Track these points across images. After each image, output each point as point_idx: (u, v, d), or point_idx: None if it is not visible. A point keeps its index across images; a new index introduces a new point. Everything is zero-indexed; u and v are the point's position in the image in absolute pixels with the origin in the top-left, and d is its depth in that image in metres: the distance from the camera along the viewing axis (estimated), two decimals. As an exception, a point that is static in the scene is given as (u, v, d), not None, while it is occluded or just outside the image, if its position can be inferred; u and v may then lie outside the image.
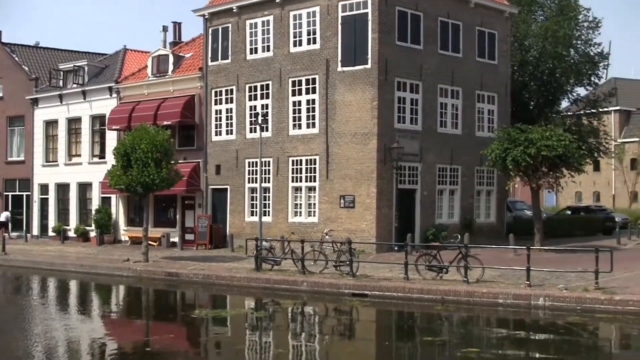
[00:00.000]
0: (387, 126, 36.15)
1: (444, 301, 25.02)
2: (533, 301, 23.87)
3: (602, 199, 79.98)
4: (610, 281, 24.58)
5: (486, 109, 41.86)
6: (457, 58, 40.00)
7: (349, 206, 36.53)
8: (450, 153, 39.27)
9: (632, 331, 21.59)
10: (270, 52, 40.16)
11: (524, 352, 18.89)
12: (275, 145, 39.41)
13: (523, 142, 33.68)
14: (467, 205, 40.48)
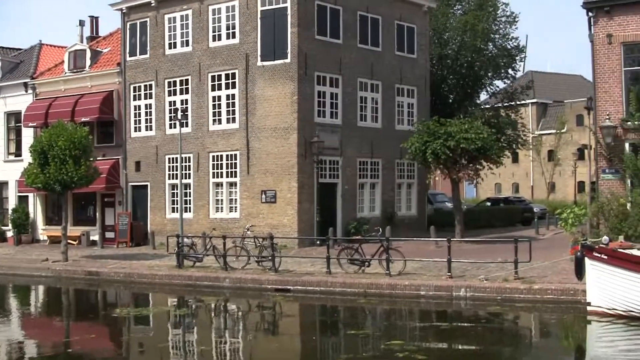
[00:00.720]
0: (307, 120, 36.15)
1: (367, 294, 25.16)
2: (454, 292, 24.16)
3: (521, 190, 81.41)
4: (529, 271, 25.00)
5: (406, 102, 42.17)
6: (377, 52, 40.19)
7: (270, 201, 36.44)
8: (370, 146, 39.45)
9: (550, 319, 22.00)
10: (189, 46, 39.77)
11: (446, 342, 19.10)
12: (196, 141, 39.08)
13: (442, 135, 34.06)
14: (388, 198, 40.74)
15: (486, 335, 20.10)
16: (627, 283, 19.90)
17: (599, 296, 20.60)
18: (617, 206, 27.69)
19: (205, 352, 18.58)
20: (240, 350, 19.23)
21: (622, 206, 27.68)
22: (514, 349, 18.78)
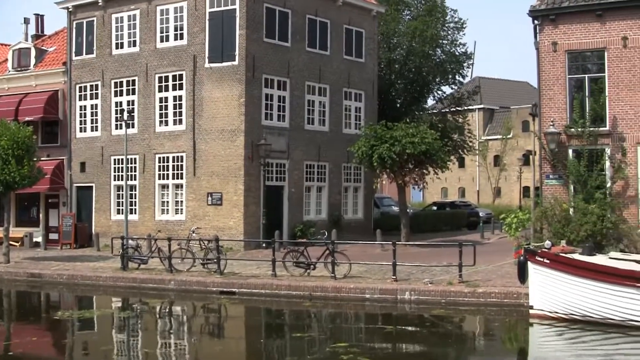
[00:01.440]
0: (254, 123, 36.07)
1: (312, 297, 25.17)
2: (399, 295, 24.28)
3: (467, 195, 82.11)
4: (473, 274, 25.25)
5: (353, 106, 42.31)
6: (325, 56, 40.26)
7: (216, 203, 36.29)
8: (317, 150, 39.50)
9: (494, 322, 22.23)
10: (136, 47, 39.45)
11: (391, 345, 19.21)
12: (142, 142, 38.77)
13: (389, 140, 34.20)
14: (335, 201, 40.82)
15: (430, 338, 20.23)
16: (568, 287, 20.20)
17: (541, 299, 20.87)
18: (560, 211, 28.07)
19: (150, 355, 18.44)
20: (185, 353, 19.14)
21: (565, 211, 28.06)
22: (457, 352, 18.92)
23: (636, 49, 28.61)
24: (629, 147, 28.54)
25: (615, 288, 19.44)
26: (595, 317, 19.95)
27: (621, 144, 28.54)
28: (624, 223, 28.03)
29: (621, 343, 18.83)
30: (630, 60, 28.67)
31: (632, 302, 19.27)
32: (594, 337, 19.27)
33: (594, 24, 29.16)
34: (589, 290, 19.85)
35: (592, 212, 27.22)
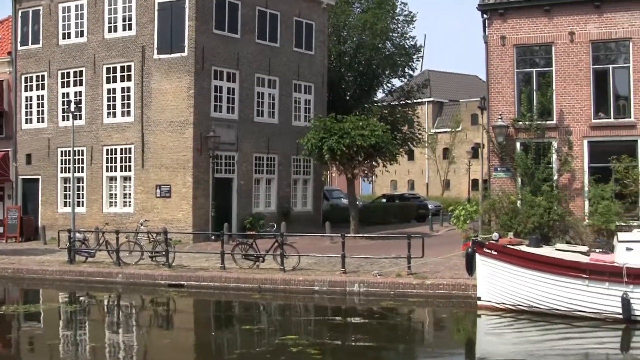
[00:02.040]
0: (203, 115, 35.85)
1: (261, 290, 25.12)
2: (348, 287, 24.33)
3: (416, 187, 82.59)
4: (422, 266, 25.39)
5: (303, 98, 42.27)
6: (275, 48, 40.14)
7: (165, 196, 36.03)
8: (267, 142, 39.38)
9: (442, 314, 22.39)
10: (84, 37, 38.95)
11: (340, 337, 19.22)
12: (89, 134, 38.32)
13: (338, 132, 34.24)
14: (284, 194, 40.77)
15: (379, 330, 20.30)
16: (515, 278, 20.42)
17: (488, 291, 21.07)
18: (507, 204, 28.36)
19: (97, 349, 18.24)
20: (133, 346, 18.96)
21: (513, 204, 28.36)
22: (406, 343, 19.01)
23: (583, 44, 28.98)
24: (575, 140, 28.93)
25: (561, 279, 19.69)
26: (541, 308, 20.19)
27: (568, 137, 28.93)
28: (570, 215, 28.43)
29: (567, 333, 19.08)
30: (577, 55, 29.05)
31: (578, 292, 19.53)
32: (540, 327, 19.48)
33: (541, 18, 29.49)
34: (535, 282, 20.08)
35: (539, 205, 27.55)
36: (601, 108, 29.18)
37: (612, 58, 29.48)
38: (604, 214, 27.14)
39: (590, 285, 19.39)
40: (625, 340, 18.58)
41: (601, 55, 29.36)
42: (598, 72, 29.23)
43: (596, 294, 19.36)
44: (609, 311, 19.21)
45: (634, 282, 18.94)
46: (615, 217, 27.11)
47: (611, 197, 27.69)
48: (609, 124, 28.92)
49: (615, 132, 28.84)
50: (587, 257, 20.41)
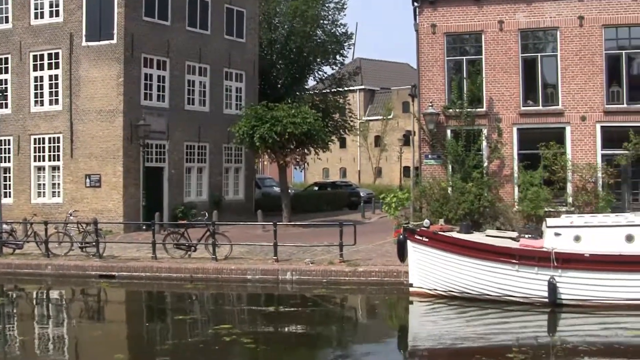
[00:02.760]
0: (133, 103, 35.36)
1: (193, 279, 24.97)
2: (281, 276, 24.33)
3: (348, 175, 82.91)
4: (354, 254, 25.50)
5: (234, 86, 42.01)
6: (205, 35, 39.79)
7: (95, 185, 35.49)
8: (198, 130, 39.05)
9: (375, 301, 22.53)
10: (9, 23, 38.01)
11: (273, 325, 19.19)
12: (16, 123, 37.48)
13: (270, 120, 34.11)
14: (216, 182, 40.52)
15: (312, 318, 20.35)
16: (446, 264, 20.62)
17: (420, 277, 21.25)
18: (438, 190, 28.63)
19: (27, 343, 17.92)
20: (64, 339, 18.66)
21: (444, 190, 28.65)
22: (340, 330, 19.09)
23: (512, 32, 29.38)
24: (505, 127, 29.34)
25: (491, 265, 19.95)
26: (472, 294, 20.44)
27: (497, 124, 29.33)
28: (500, 201, 28.85)
29: (497, 318, 19.36)
30: (506, 43, 29.44)
31: (508, 278, 19.82)
32: (471, 312, 19.74)
33: (471, 7, 29.81)
34: (466, 267, 20.31)
35: (470, 191, 27.88)
36: (530, 96, 29.65)
37: (540, 47, 29.96)
38: (533, 200, 27.59)
39: (519, 271, 19.69)
40: (552, 323, 18.93)
41: (530, 43, 29.82)
42: (527, 61, 29.68)
43: (525, 278, 19.67)
44: (538, 295, 19.54)
45: (562, 266, 19.29)
46: (544, 203, 27.60)
47: (540, 183, 28.16)
48: (538, 112, 29.40)
49: (544, 120, 29.33)
50: (516, 242, 20.71)
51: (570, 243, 19.72)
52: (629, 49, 29.16)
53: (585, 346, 16.06)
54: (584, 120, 28.87)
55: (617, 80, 29.13)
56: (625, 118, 28.78)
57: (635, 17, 28.69)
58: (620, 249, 19.38)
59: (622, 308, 18.98)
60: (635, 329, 17.71)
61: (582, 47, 28.98)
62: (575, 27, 29.03)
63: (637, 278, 19.02)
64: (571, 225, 20.09)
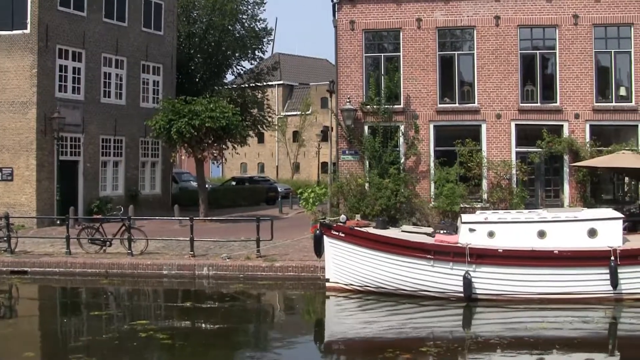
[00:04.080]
0: (47, 95, 34.65)
1: (109, 275, 24.60)
2: (197, 271, 24.16)
3: (266, 170, 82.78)
4: (271, 249, 25.49)
5: (151, 79, 41.56)
6: (122, 27, 39.24)
7: (6, 179, 34.66)
8: (114, 124, 38.51)
9: (292, 296, 22.54)
10: None
11: (189, 321, 19.07)
12: None
13: (188, 114, 33.83)
14: (132, 176, 40.03)
15: (229, 313, 20.26)
16: (362, 259, 20.73)
17: (336, 272, 21.31)
18: (355, 186, 28.81)
19: None
20: (-29, 335, 18.18)
21: (360, 186, 28.83)
22: (256, 326, 19.07)
23: (429, 30, 29.71)
24: (422, 124, 29.66)
25: (406, 260, 20.13)
26: (388, 288, 20.59)
27: (414, 121, 29.64)
28: (417, 197, 29.18)
29: (413, 312, 19.55)
30: (424, 41, 29.77)
31: (423, 273, 20.02)
32: (387, 307, 19.87)
33: (390, 4, 30.04)
34: (382, 263, 20.45)
35: (387, 187, 28.12)
36: (447, 93, 30.05)
37: (457, 45, 30.38)
38: (448, 196, 27.98)
39: (435, 266, 19.92)
40: (467, 317, 19.21)
41: (447, 42, 30.21)
42: (444, 59, 30.07)
43: (440, 274, 19.90)
44: (453, 290, 19.80)
45: (476, 261, 19.59)
46: (459, 199, 28.02)
47: (456, 180, 28.58)
48: (454, 109, 29.81)
49: (460, 117, 29.75)
50: (431, 238, 20.95)
51: (485, 239, 20.04)
52: (543, 49, 29.82)
53: (497, 339, 16.37)
54: (499, 118, 29.38)
55: (532, 80, 29.75)
56: (539, 116, 29.40)
57: (549, 19, 29.34)
58: (532, 244, 19.78)
59: (534, 302, 19.38)
60: (545, 322, 18.09)
61: (498, 47, 29.50)
62: (491, 27, 29.52)
63: (549, 273, 19.45)
64: (485, 221, 20.42)
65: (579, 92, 29.26)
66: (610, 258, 19.18)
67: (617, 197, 29.48)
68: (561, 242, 19.77)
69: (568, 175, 29.17)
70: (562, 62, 29.35)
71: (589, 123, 29.23)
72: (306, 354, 16.38)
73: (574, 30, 29.27)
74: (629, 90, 29.46)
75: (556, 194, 29.54)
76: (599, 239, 19.83)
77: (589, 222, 20.08)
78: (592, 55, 29.34)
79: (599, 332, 17.89)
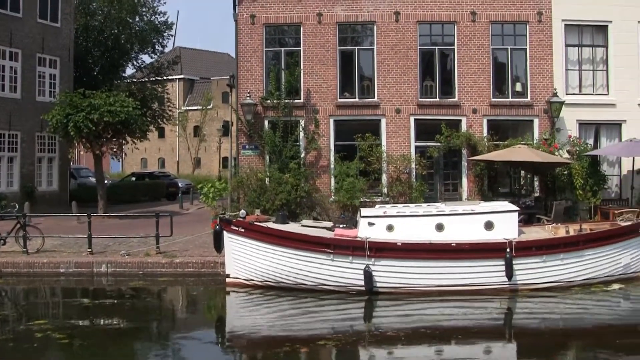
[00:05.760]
0: (-62, 88, 33.59)
1: (2, 274, 23.90)
2: (96, 268, 23.75)
3: (167, 166, 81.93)
4: (171, 245, 25.23)
5: (48, 73, 40.60)
6: (17, 18, 38.20)
7: None
8: (8, 118, 37.49)
9: (192, 292, 22.33)
10: None
11: (88, 320, 18.72)
12: None
13: (86, 108, 33.09)
14: (28, 172, 39.04)
15: (129, 311, 19.95)
16: (262, 254, 20.69)
17: (236, 268, 21.22)
18: (255, 181, 28.74)
19: None
20: None
21: (261, 181, 28.77)
22: (156, 323, 18.81)
23: (330, 25, 29.83)
24: (322, 119, 29.78)
25: (306, 254, 20.17)
26: (289, 283, 20.61)
27: (314, 115, 29.73)
28: (317, 192, 29.29)
29: (313, 307, 19.60)
30: (324, 36, 29.87)
31: (323, 267, 20.10)
32: (288, 302, 19.88)
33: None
34: (282, 258, 20.45)
35: (287, 182, 28.14)
36: (347, 88, 30.23)
37: (358, 40, 30.61)
38: (348, 190, 28.16)
39: (334, 260, 20.01)
40: (367, 310, 19.37)
41: (348, 37, 30.39)
42: (344, 54, 30.24)
43: (340, 267, 20.01)
44: (353, 284, 19.93)
45: (376, 255, 19.76)
46: (359, 193, 28.24)
47: (356, 174, 28.81)
48: (354, 104, 30.00)
49: (360, 112, 29.97)
50: (331, 232, 21.05)
51: (384, 232, 20.24)
52: (442, 45, 30.29)
53: (396, 332, 16.58)
54: (399, 113, 29.72)
55: (431, 75, 30.18)
56: (437, 111, 29.85)
57: (447, 15, 29.81)
58: (431, 237, 20.08)
59: (433, 294, 19.67)
60: (444, 313, 18.39)
61: (397, 42, 29.81)
62: (391, 22, 29.81)
63: (447, 265, 19.77)
64: (384, 215, 20.61)
65: (477, 87, 29.83)
66: (506, 250, 19.61)
67: (513, 191, 30.14)
68: (459, 234, 20.14)
69: (466, 169, 29.72)
70: (461, 58, 29.87)
71: (486, 118, 29.83)
72: (207, 351, 16.23)
73: (471, 27, 29.82)
74: (524, 86, 30.19)
75: (455, 187, 30.05)
76: (495, 231, 20.28)
77: (485, 215, 20.50)
78: (489, 51, 29.94)
79: (495, 323, 18.30)
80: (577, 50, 30.50)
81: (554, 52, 29.96)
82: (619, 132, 30.27)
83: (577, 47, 30.48)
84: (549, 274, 20.19)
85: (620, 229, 21.38)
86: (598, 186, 28.62)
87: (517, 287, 19.99)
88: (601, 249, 20.68)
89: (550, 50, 29.95)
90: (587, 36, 30.51)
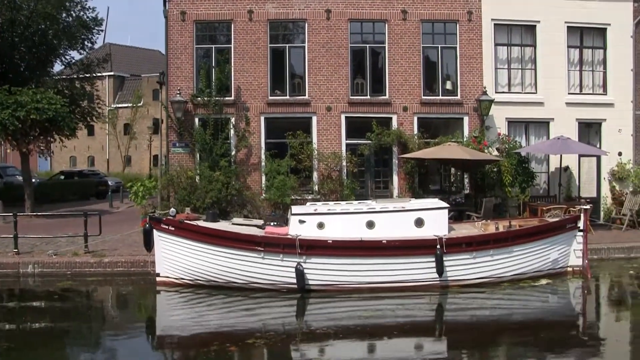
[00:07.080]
0: None
1: None
2: (22, 269, 23.26)
3: (97, 164, 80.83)
4: (100, 244, 24.88)
5: (-28, 69, 39.72)
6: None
7: None
8: None
9: (122, 292, 22.04)
10: None
11: (16, 321, 18.33)
12: None
13: (11, 105, 32.47)
14: (-47, 171, 38.17)
15: (57, 311, 19.58)
16: (193, 253, 20.54)
17: (167, 267, 21.02)
18: (185, 179, 28.52)
19: None
20: None
21: (191, 179, 28.56)
22: (86, 323, 18.49)
23: (261, 22, 29.72)
24: (253, 116, 29.66)
25: (236, 252, 20.08)
26: (219, 282, 20.48)
27: (245, 113, 29.62)
28: (248, 190, 29.19)
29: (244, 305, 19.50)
30: (255, 33, 29.75)
31: (254, 265, 20.03)
32: (218, 300, 19.77)
33: (222, -5, 29.88)
34: (212, 256, 20.33)
35: (218, 180, 27.98)
36: (278, 86, 30.16)
37: (289, 38, 30.54)
38: (279, 188, 28.11)
39: (265, 258, 19.94)
40: (299, 308, 19.34)
41: (279, 34, 30.31)
42: (275, 51, 30.15)
43: (272, 265, 19.95)
44: (284, 282, 19.89)
45: (307, 253, 19.74)
46: (290, 191, 28.22)
47: (287, 172, 28.77)
48: (285, 101, 29.95)
49: (291, 109, 29.93)
50: (262, 230, 20.97)
51: (315, 230, 20.24)
52: (372, 43, 30.39)
53: (327, 329, 16.61)
54: (330, 111, 29.75)
55: (362, 73, 30.28)
56: (368, 109, 29.95)
57: (378, 13, 29.93)
58: (361, 234, 20.12)
59: (365, 291, 19.74)
60: (375, 310, 18.45)
61: (329, 40, 29.84)
62: (322, 20, 29.83)
63: (378, 262, 19.84)
64: (315, 213, 20.61)
65: (407, 85, 30.02)
66: (436, 247, 19.76)
67: (443, 188, 30.41)
68: (389, 232, 20.23)
69: (397, 166, 29.89)
70: (391, 56, 30.02)
71: (417, 116, 30.05)
72: (138, 350, 16.02)
73: (402, 25, 29.99)
74: (454, 84, 30.49)
75: (386, 185, 30.21)
76: (426, 228, 20.43)
77: (416, 212, 20.64)
78: (420, 50, 30.16)
79: (426, 319, 18.43)
80: (506, 50, 30.92)
81: (483, 51, 30.31)
82: (547, 130, 30.77)
83: (507, 47, 30.91)
84: (479, 270, 20.43)
85: (549, 225, 21.74)
86: (526, 183, 29.08)
87: (447, 283, 20.17)
88: (530, 244, 21.01)
89: (480, 49, 30.29)
90: (516, 36, 30.95)
